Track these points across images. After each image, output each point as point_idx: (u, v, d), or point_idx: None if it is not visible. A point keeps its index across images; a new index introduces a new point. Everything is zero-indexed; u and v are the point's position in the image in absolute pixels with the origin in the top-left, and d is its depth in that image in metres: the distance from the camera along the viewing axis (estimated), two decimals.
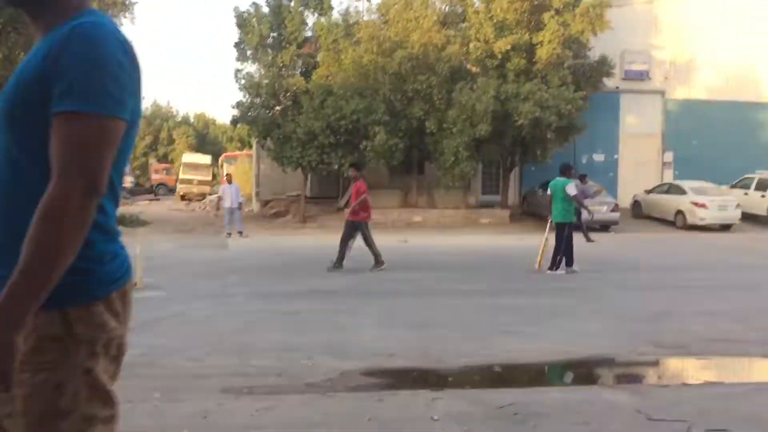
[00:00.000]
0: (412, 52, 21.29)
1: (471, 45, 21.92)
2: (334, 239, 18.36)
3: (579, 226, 16.29)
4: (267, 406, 5.08)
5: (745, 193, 23.48)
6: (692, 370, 6.74)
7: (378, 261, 12.39)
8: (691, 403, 5.28)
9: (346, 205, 24.45)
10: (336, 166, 22.32)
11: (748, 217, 22.65)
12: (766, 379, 6.67)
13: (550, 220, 13.16)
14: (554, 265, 12.46)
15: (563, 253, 12.43)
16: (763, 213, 22.97)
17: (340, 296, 10.01)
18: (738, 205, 22.11)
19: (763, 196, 23.10)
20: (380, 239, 18.45)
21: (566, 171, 12.92)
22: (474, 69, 22.59)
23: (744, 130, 27.34)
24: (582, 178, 16.96)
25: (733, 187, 24.13)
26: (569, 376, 6.58)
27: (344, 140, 21.68)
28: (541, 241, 13.12)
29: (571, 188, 12.45)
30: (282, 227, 22.12)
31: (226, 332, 7.66)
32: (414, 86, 21.25)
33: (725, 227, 21.99)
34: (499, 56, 21.79)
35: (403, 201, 24.33)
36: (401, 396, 5.50)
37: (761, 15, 27.29)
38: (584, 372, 6.64)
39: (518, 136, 21.48)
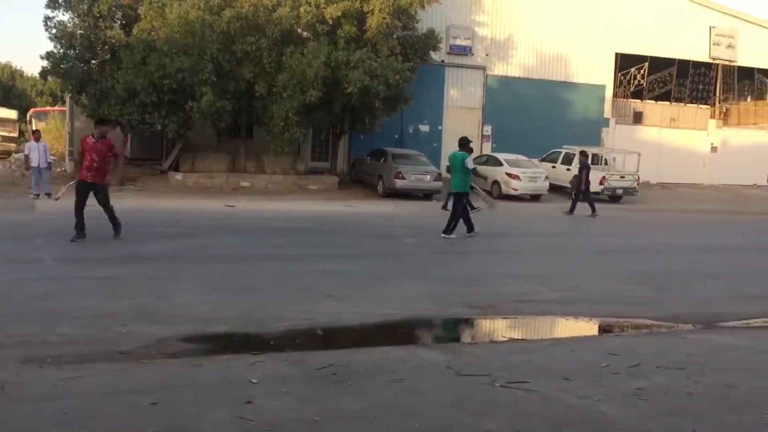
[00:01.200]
0: (242, 11, 20.60)
1: (302, 9, 21.58)
2: (156, 203, 17.67)
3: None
4: (73, 376, 4.80)
5: (553, 166, 25.40)
6: (499, 328, 7.24)
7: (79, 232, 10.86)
8: (497, 359, 5.68)
9: (170, 167, 23.52)
10: (159, 127, 21.26)
11: (555, 189, 24.54)
12: (561, 335, 7.30)
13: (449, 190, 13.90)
14: (448, 230, 13.18)
15: (457, 219, 13.27)
16: (568, 185, 24.98)
17: (159, 262, 9.62)
18: (547, 177, 23.88)
19: (568, 170, 25.07)
20: (206, 204, 18.02)
21: (465, 145, 13.94)
22: (305, 33, 22.33)
23: (554, 107, 29.46)
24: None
25: (543, 160, 25.99)
26: (386, 337, 6.80)
27: (168, 99, 20.63)
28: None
29: (470, 162, 13.56)
30: None
31: (31, 299, 7.10)
32: (243, 47, 20.63)
33: (535, 197, 23.67)
34: (330, 22, 21.68)
35: (231, 165, 23.71)
36: (220, 361, 5.42)
37: (570, 5, 29.40)
38: (402, 332, 6.91)
39: (348, 103, 21.59)
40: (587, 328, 7.33)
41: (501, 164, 23.83)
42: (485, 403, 4.56)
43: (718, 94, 33.02)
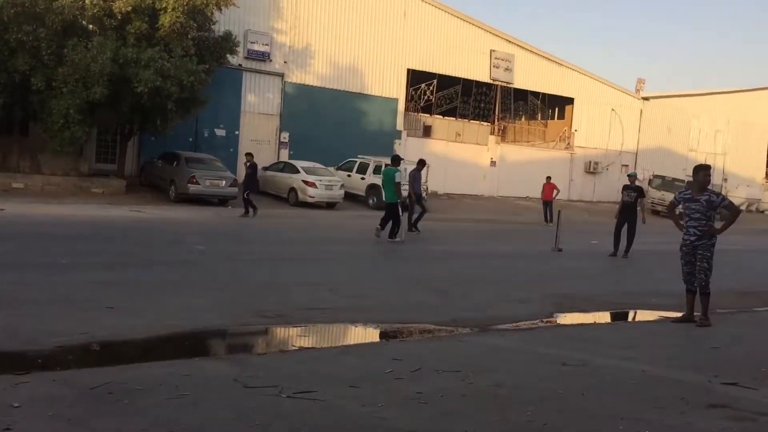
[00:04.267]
0: None
1: (87, 0, 20.21)
2: None
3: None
4: None
5: (348, 175, 26.03)
6: (289, 337, 7.23)
7: None
8: (285, 369, 5.66)
9: None
10: None
11: (350, 197, 25.17)
12: (350, 342, 7.46)
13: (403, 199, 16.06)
14: (393, 234, 15.33)
15: (395, 224, 15.36)
16: (362, 193, 25.74)
17: None
18: (342, 186, 24.41)
19: (362, 179, 25.86)
20: None
21: (396, 161, 16.16)
22: (90, 26, 20.91)
23: (350, 117, 30.21)
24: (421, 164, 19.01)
25: (339, 168, 26.55)
26: (171, 351, 6.51)
27: None
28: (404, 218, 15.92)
29: (398, 176, 15.50)
30: None
31: None
32: (18, 36, 18.85)
33: (331, 205, 24.10)
34: (119, 17, 20.49)
35: (2, 164, 21.53)
36: None
37: (366, 20, 30.45)
38: (188, 345, 6.65)
39: (137, 103, 20.50)
40: (374, 334, 7.55)
41: (298, 171, 24.00)
42: (271, 415, 4.52)
43: (497, 113, 35.84)
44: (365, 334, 7.56)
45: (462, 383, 5.43)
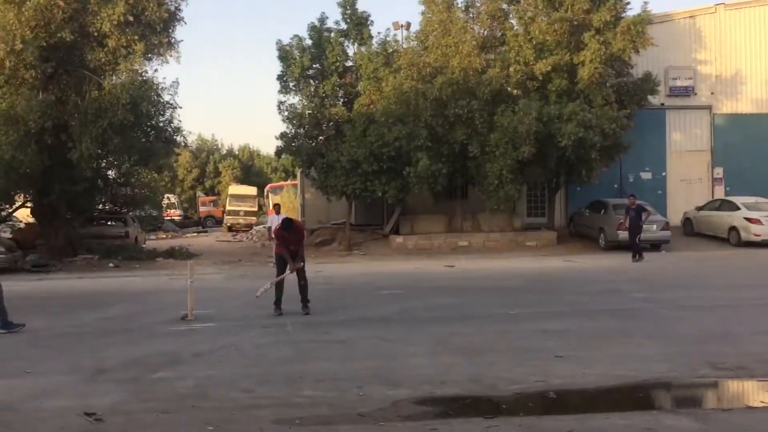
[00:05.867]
0: (453, 77, 21.31)
1: (511, 68, 21.88)
2: (380, 266, 18.45)
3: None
4: None
5: None
6: (755, 392, 6.50)
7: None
8: (758, 428, 5.10)
9: (391, 231, 24.54)
10: (380, 194, 22.31)
11: None
12: None
13: None
14: None
15: None
16: None
17: (389, 324, 9.96)
18: None
19: None
20: (426, 264, 18.48)
21: None
22: (515, 91, 22.51)
23: None
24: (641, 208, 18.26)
25: None
26: (624, 401, 6.38)
27: (387, 167, 21.71)
28: None
29: None
30: (328, 255, 22.21)
31: (277, 362, 7.69)
32: (455, 111, 21.24)
33: None
34: (540, 78, 21.70)
35: (448, 226, 24.24)
36: (454, 425, 5.43)
37: None
38: (642, 396, 6.46)
39: (562, 157, 21.23)
40: None
41: (738, 209, 21.86)
42: None
43: None
44: None
45: None
